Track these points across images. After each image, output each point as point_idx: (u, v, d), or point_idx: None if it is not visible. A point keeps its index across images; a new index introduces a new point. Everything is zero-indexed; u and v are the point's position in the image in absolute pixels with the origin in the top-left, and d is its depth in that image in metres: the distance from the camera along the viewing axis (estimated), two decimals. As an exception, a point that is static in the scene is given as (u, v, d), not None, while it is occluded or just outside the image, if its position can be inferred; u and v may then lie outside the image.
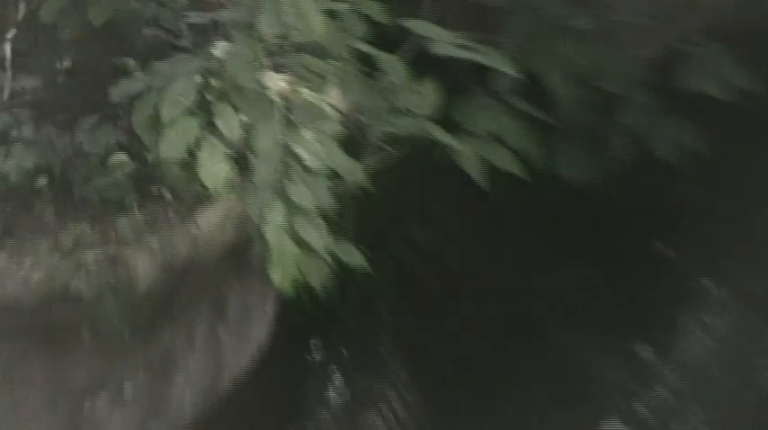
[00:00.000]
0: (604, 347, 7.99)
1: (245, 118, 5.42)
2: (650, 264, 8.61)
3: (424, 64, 6.18)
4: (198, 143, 5.42)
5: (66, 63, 6.89)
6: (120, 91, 5.87)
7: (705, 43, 7.76)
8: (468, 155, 6.54)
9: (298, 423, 7.21)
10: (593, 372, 7.85)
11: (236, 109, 5.42)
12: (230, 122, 5.38)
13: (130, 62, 6.27)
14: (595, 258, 8.50)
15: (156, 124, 5.46)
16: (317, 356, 7.65)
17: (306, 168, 5.46)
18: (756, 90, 7.51)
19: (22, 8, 6.56)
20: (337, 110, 6.12)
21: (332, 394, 7.33)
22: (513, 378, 7.74)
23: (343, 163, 5.65)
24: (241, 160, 5.65)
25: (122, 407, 6.63)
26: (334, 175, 5.67)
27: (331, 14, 5.59)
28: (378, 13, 5.78)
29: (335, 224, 5.76)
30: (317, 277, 5.63)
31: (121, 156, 6.14)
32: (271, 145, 5.39)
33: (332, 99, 5.94)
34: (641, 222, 8.71)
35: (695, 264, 8.60)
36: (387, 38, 5.97)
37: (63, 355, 6.31)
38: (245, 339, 7.32)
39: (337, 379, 7.46)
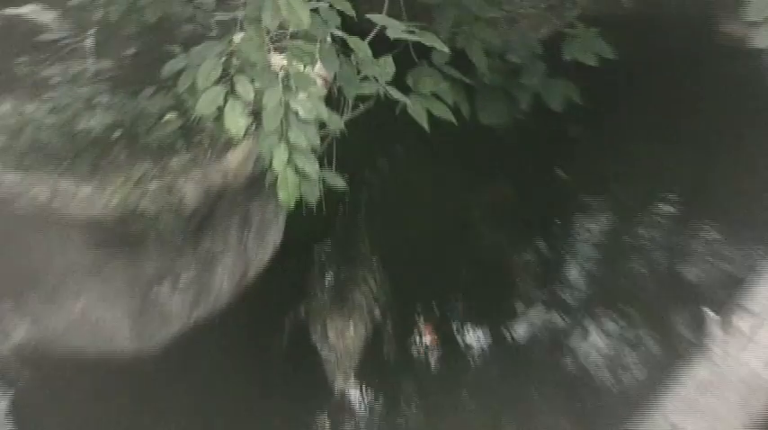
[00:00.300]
0: (521, 243, 8.08)
1: (256, 85, 5.40)
2: (550, 183, 8.65)
3: (383, 45, 6.17)
4: (224, 103, 5.42)
5: (131, 50, 6.91)
6: (168, 68, 5.84)
7: (581, 27, 7.74)
8: (416, 108, 6.54)
9: (305, 301, 7.22)
10: (513, 262, 7.96)
11: (250, 79, 5.40)
12: (246, 88, 5.37)
13: (175, 48, 6.32)
14: (510, 180, 8.56)
15: (194, 91, 5.44)
16: (315, 252, 7.65)
17: (301, 119, 5.43)
18: (615, 58, 7.51)
19: (99, 12, 6.55)
20: (322, 78, 6.18)
21: (327, 279, 7.34)
22: (455, 266, 7.84)
23: (327, 115, 5.63)
24: (255, 115, 5.66)
25: (179, 292, 6.71)
26: (321, 124, 5.65)
27: (315, 10, 5.57)
28: (348, 9, 5.76)
29: (323, 158, 5.79)
30: (312, 196, 5.62)
31: (172, 115, 6.20)
32: (275, 103, 5.38)
33: (318, 70, 5.94)
34: (542, 154, 8.74)
35: (583, 183, 8.63)
36: (356, 27, 5.95)
37: (136, 256, 6.40)
38: (264, 242, 7.34)
39: (330, 268, 7.46)
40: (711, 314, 5.13)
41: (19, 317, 6.50)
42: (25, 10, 7.31)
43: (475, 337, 7.29)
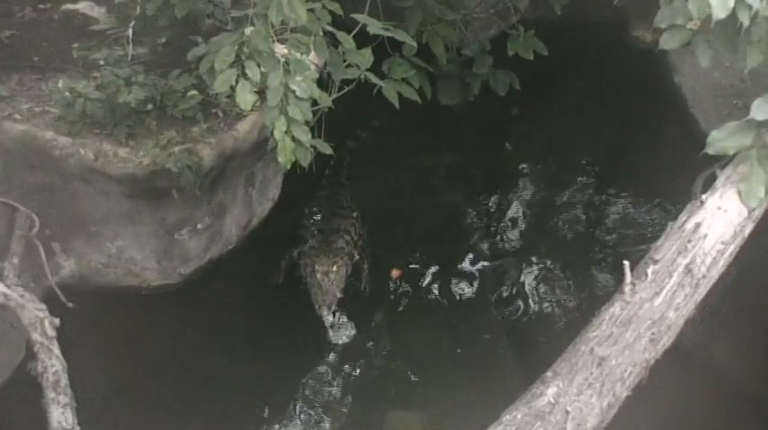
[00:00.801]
0: (471, 200, 8.14)
1: (262, 69, 5.41)
2: (496, 151, 8.70)
3: (364, 39, 6.17)
4: (236, 83, 5.42)
5: (163, 39, 6.92)
6: (192, 54, 5.86)
7: (522, 28, 7.75)
8: (389, 90, 6.60)
9: (297, 246, 7.22)
10: (465, 214, 8.04)
11: (257, 64, 5.41)
12: (254, 71, 5.39)
13: (198, 38, 6.29)
14: (464, 148, 8.60)
15: (212, 73, 5.44)
16: (306, 206, 7.67)
17: (297, 97, 5.47)
18: (547, 54, 7.54)
19: (138, 8, 6.53)
20: (315, 64, 6.15)
21: (316, 228, 7.37)
22: (419, 217, 7.95)
23: (318, 94, 5.68)
24: (261, 93, 5.65)
25: (196, 236, 6.71)
26: (314, 102, 5.68)
27: (311, 9, 5.58)
28: (338, 9, 5.79)
29: (314, 129, 5.81)
30: (305, 160, 5.66)
31: (194, 92, 6.17)
32: (277, 84, 5.42)
33: (312, 58, 5.95)
34: (489, 128, 8.78)
35: (521, 153, 8.67)
36: (343, 24, 5.97)
37: (161, 206, 6.39)
38: (265, 197, 7.35)
39: (318, 219, 7.51)
40: (625, 263, 5.14)
41: (66, 255, 6.49)
42: (80, 6, 7.31)
43: (433, 276, 7.36)
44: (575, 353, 4.91)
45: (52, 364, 5.10)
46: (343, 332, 6.83)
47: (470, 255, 7.54)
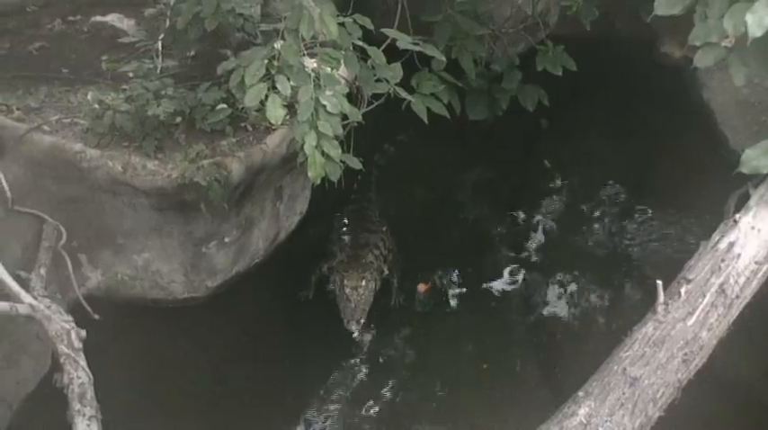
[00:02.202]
0: (500, 215, 8.05)
1: (293, 83, 5.40)
2: (524, 166, 8.59)
3: (394, 53, 6.17)
4: (266, 97, 5.40)
5: (192, 52, 6.87)
6: (222, 68, 5.88)
7: (550, 44, 7.73)
8: (418, 105, 6.60)
9: (325, 260, 7.18)
10: (493, 229, 7.95)
11: (287, 78, 5.39)
12: (285, 86, 5.39)
13: (228, 52, 6.27)
14: (492, 164, 8.54)
15: (242, 86, 5.44)
16: (335, 220, 7.65)
17: (328, 112, 5.46)
18: (574, 69, 7.52)
19: (167, 20, 6.55)
20: (345, 79, 6.15)
21: (344, 242, 7.31)
22: (447, 232, 7.91)
23: (349, 109, 5.66)
24: (290, 107, 5.64)
25: (223, 249, 6.67)
26: (344, 116, 5.67)
27: (342, 24, 5.56)
28: (368, 24, 5.76)
29: (343, 144, 5.78)
30: (334, 175, 5.63)
31: (223, 105, 6.15)
32: (308, 98, 5.41)
33: (342, 72, 5.97)
34: (517, 144, 8.71)
35: (551, 167, 8.56)
36: (374, 38, 5.97)
37: (189, 219, 6.36)
38: (293, 211, 7.31)
39: (346, 233, 7.45)
40: (658, 282, 5.09)
41: (93, 267, 6.47)
42: (109, 18, 7.31)
43: (461, 291, 7.30)
44: (607, 373, 4.87)
45: (78, 376, 5.07)
46: (371, 347, 6.77)
47: (498, 271, 7.46)
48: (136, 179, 5.97)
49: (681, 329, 4.96)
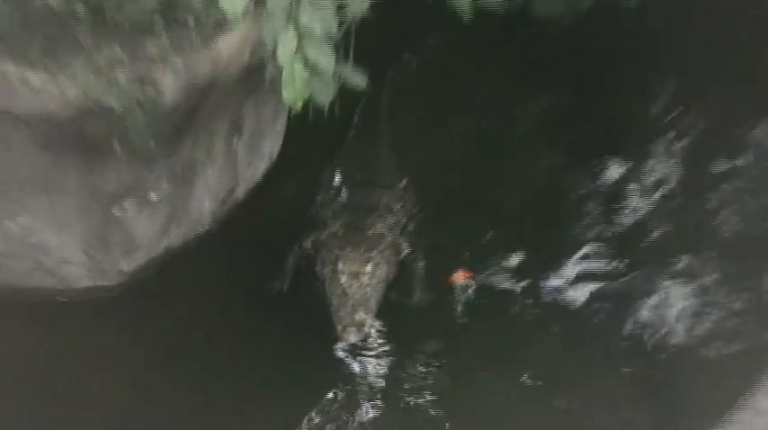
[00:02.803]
0: (576, 171, 7.88)
1: (260, -49, 5.09)
2: (619, 90, 8.42)
3: None
4: (219, -27, 5.09)
5: None
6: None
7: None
8: (458, -8, 6.24)
9: (305, 232, 7.05)
10: (565, 194, 7.73)
11: (251, -56, 5.09)
12: (247, -48, 5.06)
13: None
14: (565, 90, 8.34)
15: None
16: (324, 169, 7.50)
17: (314, -4, 5.12)
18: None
19: None
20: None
21: (338, 204, 7.19)
22: (495, 194, 7.67)
23: (347, -7, 5.33)
24: (256, -9, 5.26)
25: (147, 212, 6.48)
26: (340, 5, 5.31)
27: None
28: None
29: (339, 49, 5.40)
30: (324, 97, 5.31)
31: (151, -13, 5.80)
32: (284, -26, 5.06)
33: (339, -65, 5.60)
34: (606, 57, 8.47)
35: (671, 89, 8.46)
36: None
37: (95, 164, 6.09)
38: (258, 152, 7.16)
39: (342, 190, 7.32)
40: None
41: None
42: None
43: (513, 285, 7.09)
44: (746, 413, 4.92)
45: None
46: (376, 371, 6.50)
47: (571, 255, 7.23)
48: (9, 101, 5.61)
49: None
